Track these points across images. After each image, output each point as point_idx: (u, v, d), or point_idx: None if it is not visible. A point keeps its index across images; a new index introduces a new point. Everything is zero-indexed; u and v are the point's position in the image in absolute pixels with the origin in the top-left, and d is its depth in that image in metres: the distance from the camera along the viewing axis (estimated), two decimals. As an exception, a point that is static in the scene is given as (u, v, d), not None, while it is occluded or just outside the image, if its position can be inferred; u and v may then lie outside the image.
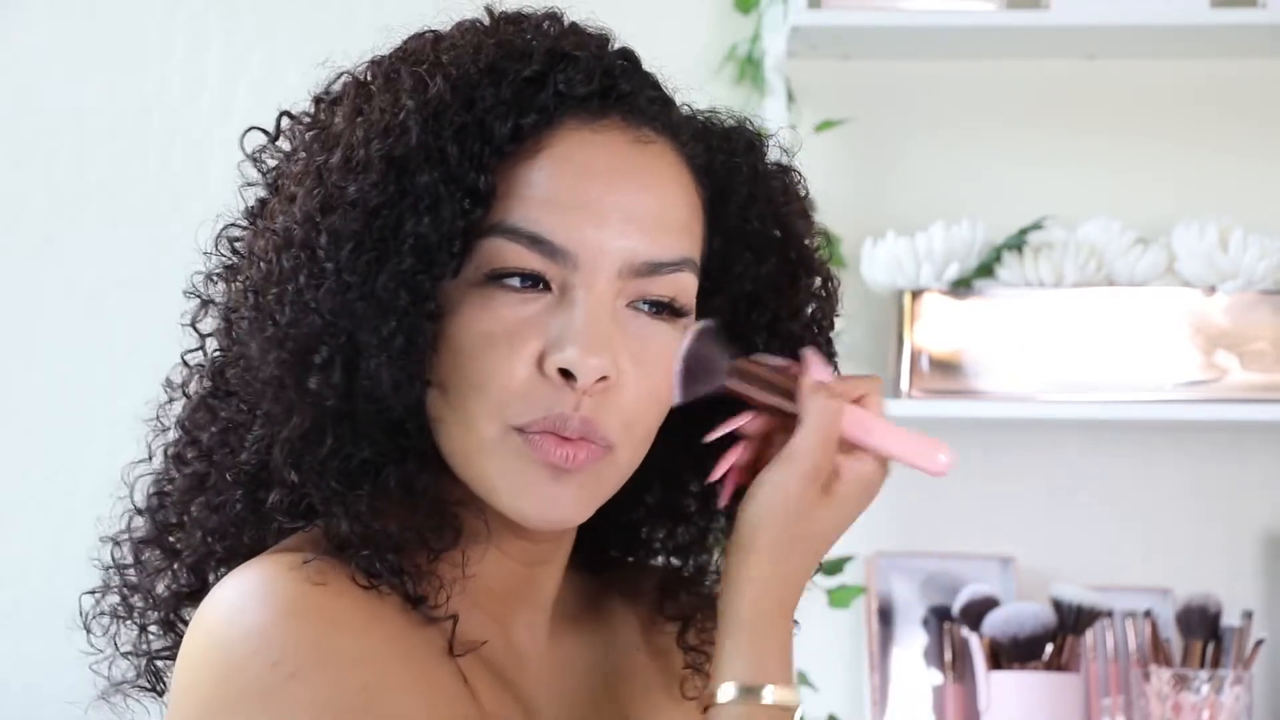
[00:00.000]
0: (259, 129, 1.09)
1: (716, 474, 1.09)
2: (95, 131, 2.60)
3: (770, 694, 1.02)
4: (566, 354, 0.99)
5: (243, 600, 0.98)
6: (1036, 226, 2.48)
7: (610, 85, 1.04)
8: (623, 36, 1.10)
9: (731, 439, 1.10)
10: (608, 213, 1.01)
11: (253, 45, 2.60)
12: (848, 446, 1.06)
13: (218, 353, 1.08)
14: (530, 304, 1.01)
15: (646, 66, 1.10)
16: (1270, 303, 2.41)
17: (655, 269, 1.03)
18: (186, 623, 1.07)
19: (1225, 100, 2.60)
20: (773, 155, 1.13)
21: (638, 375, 1.02)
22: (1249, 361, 2.41)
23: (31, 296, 2.59)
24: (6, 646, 2.55)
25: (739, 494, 1.08)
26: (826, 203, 2.44)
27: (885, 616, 2.51)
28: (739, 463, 1.09)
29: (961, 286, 2.44)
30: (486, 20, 1.07)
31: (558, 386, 1.00)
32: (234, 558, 1.05)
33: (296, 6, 2.61)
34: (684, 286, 1.04)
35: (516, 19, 1.07)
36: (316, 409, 1.00)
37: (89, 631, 1.11)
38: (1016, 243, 2.46)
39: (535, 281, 1.01)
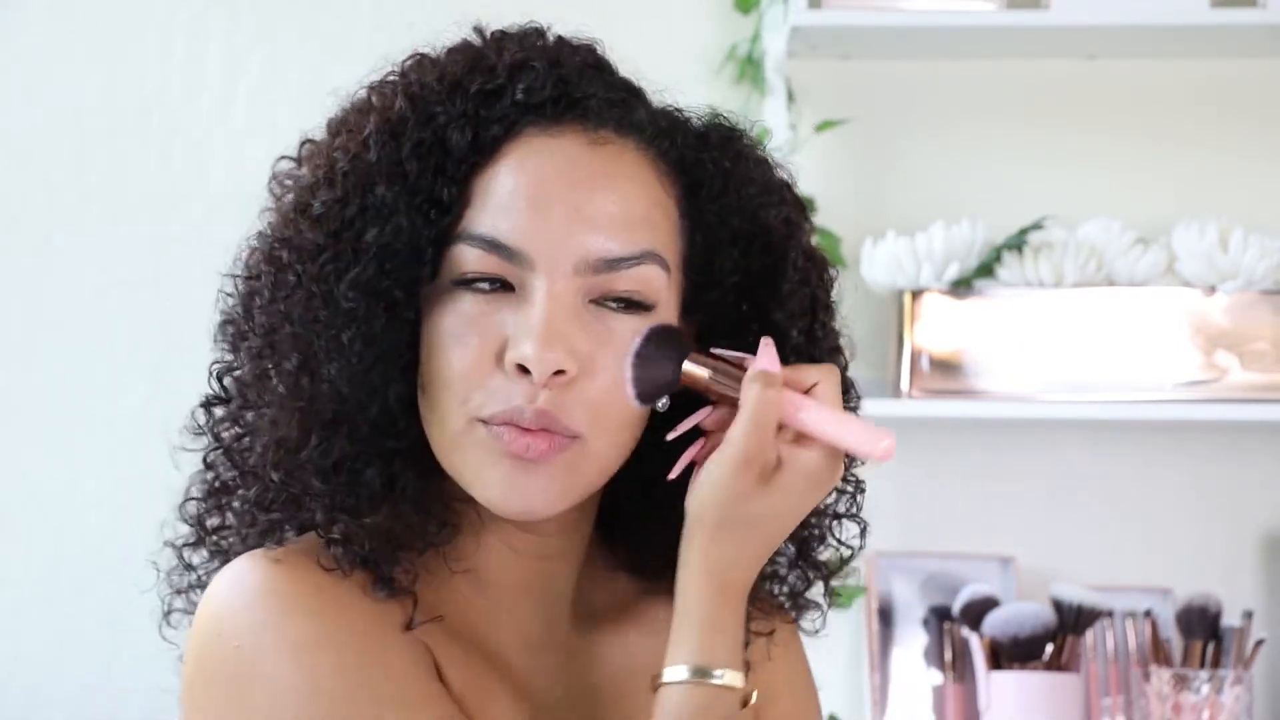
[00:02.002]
0: (288, 158, 1.14)
1: (677, 470, 1.10)
2: (95, 131, 2.60)
3: (719, 677, 1.04)
4: (522, 349, 1.03)
5: (218, 590, 1.06)
6: (1036, 226, 2.48)
7: (565, 91, 1.08)
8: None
9: (696, 434, 1.10)
10: (561, 213, 1.05)
11: (253, 45, 2.60)
12: (797, 436, 1.07)
13: (218, 363, 1.14)
14: (495, 304, 1.06)
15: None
16: (1270, 303, 2.41)
17: (613, 264, 1.06)
18: None
19: (1225, 100, 2.60)
20: (754, 150, 1.14)
21: (605, 367, 1.06)
22: (1249, 361, 2.41)
23: (31, 296, 2.59)
24: (6, 646, 2.55)
25: None
26: (826, 203, 2.49)
27: (885, 616, 2.51)
28: (700, 457, 1.10)
29: (961, 286, 2.44)
30: (476, 40, 1.11)
31: (516, 381, 1.04)
32: None
33: (296, 6, 2.61)
34: (647, 280, 1.07)
35: (501, 37, 1.11)
36: (300, 414, 1.05)
37: (170, 627, 1.17)
38: (1016, 243, 2.46)
39: (501, 284, 1.06)
